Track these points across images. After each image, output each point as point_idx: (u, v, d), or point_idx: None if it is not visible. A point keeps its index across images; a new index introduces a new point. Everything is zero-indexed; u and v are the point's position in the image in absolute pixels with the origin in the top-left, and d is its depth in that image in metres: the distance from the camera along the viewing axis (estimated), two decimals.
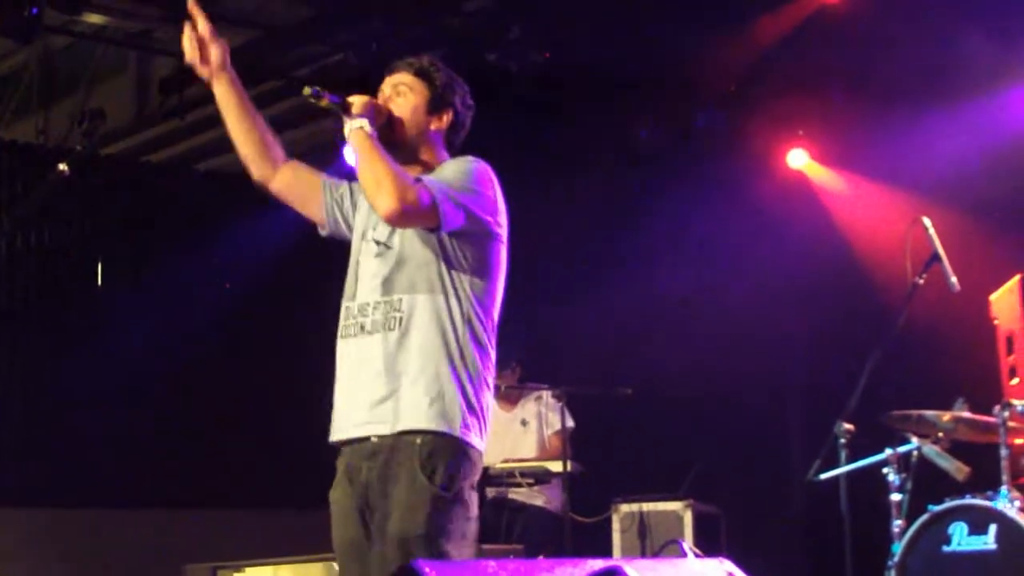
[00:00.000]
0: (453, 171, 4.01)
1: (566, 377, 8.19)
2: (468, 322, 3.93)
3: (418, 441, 3.84)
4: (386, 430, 3.89)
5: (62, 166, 3.87)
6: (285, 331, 10.54)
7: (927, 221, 6.37)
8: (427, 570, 2.89)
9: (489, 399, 4.00)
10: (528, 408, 8.42)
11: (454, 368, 3.88)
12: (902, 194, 8.31)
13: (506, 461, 8.08)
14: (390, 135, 4.06)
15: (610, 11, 8.95)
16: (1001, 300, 7.29)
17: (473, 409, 3.90)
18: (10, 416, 9.68)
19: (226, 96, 4.31)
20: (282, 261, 10.28)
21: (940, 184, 7.99)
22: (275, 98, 10.55)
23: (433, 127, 4.15)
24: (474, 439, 3.91)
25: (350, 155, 4.12)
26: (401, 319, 3.92)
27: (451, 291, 3.92)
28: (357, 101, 4.05)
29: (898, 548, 5.99)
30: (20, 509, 9.79)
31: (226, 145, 12.02)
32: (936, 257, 6.30)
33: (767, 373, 8.92)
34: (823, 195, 9.07)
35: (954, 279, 6.26)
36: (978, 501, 5.90)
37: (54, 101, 12.35)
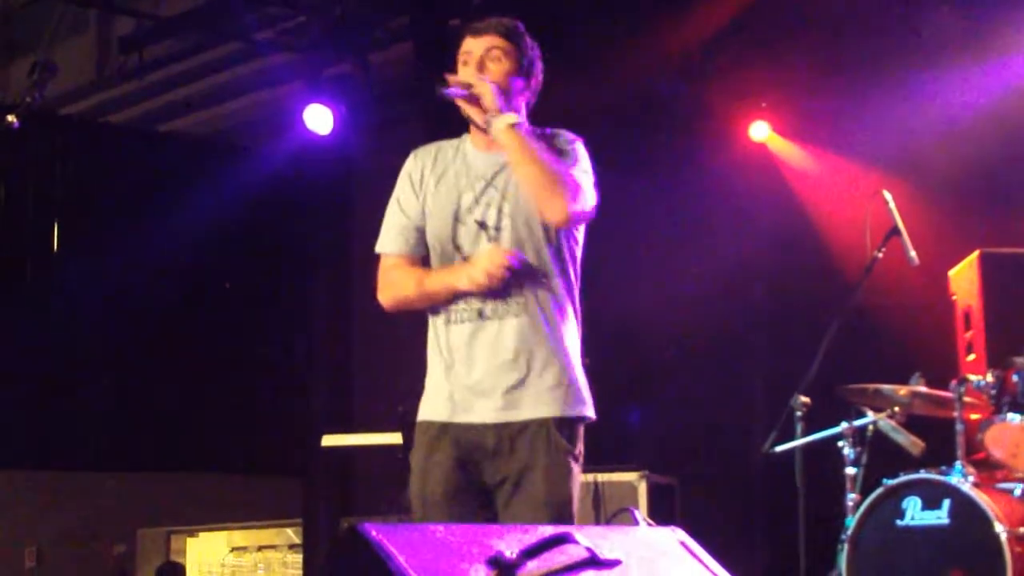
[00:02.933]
0: (578, 157, 4.06)
1: None
2: (572, 303, 4.05)
3: (555, 423, 3.96)
4: (522, 416, 3.96)
5: (10, 117, 3.80)
6: (246, 295, 10.50)
7: (887, 195, 6.38)
8: (373, 533, 2.86)
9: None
10: None
11: (570, 352, 4.02)
12: (863, 167, 8.31)
13: None
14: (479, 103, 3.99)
15: None
16: (960, 276, 7.32)
17: (585, 387, 4.07)
18: None
19: None
20: (242, 223, 10.23)
21: (901, 158, 8.00)
22: (234, 62, 10.47)
23: (521, 93, 4.10)
24: (589, 411, 4.07)
25: (312, 121, 4.01)
26: (526, 304, 3.94)
27: (558, 274, 3.99)
28: (484, 90, 3.94)
29: (852, 522, 6.00)
30: None
31: (184, 107, 11.91)
32: (896, 231, 6.31)
33: (728, 344, 8.91)
34: (784, 168, 9.06)
35: (913, 253, 6.27)
36: (932, 476, 5.91)
37: (13, 60, 12.22)
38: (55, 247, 10.12)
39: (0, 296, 9.82)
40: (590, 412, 4.07)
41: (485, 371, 3.96)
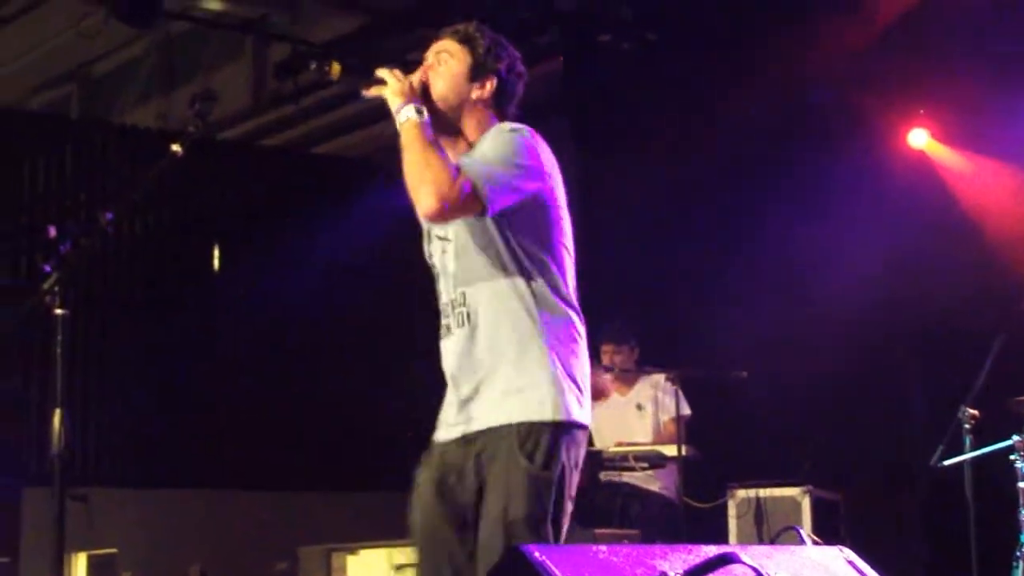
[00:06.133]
0: (492, 146, 3.82)
1: (680, 360, 8.11)
2: (538, 299, 3.78)
3: (513, 432, 3.72)
4: (477, 427, 3.80)
5: (175, 147, 3.88)
6: (404, 314, 10.56)
7: None
8: (536, 554, 2.84)
9: (584, 369, 3.85)
10: (644, 392, 8.34)
11: (532, 351, 3.76)
12: None
13: (619, 444, 8.02)
14: (426, 104, 3.90)
15: None
16: None
17: (563, 387, 3.75)
18: (127, 399, 9.82)
19: None
20: (397, 243, 10.30)
21: None
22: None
23: (475, 95, 3.95)
24: (574, 414, 3.75)
25: None
26: (468, 314, 3.83)
27: (513, 272, 3.78)
28: (385, 90, 3.90)
29: None
30: (139, 490, 9.96)
31: (340, 129, 12.14)
32: None
33: (889, 356, 8.76)
34: (946, 175, 8.87)
35: None
36: None
37: (174, 88, 12.52)
38: (216, 268, 10.30)
39: (163, 316, 10.02)
40: (561, 415, 3.71)
41: (452, 386, 3.93)
